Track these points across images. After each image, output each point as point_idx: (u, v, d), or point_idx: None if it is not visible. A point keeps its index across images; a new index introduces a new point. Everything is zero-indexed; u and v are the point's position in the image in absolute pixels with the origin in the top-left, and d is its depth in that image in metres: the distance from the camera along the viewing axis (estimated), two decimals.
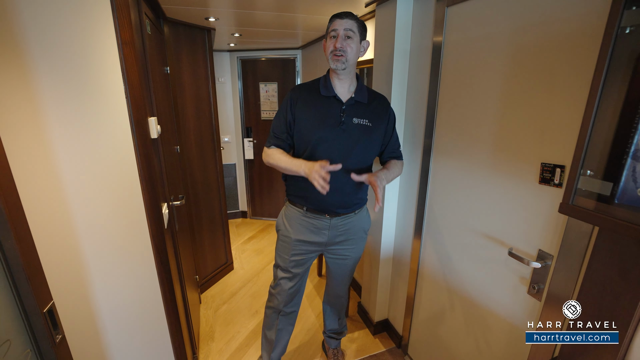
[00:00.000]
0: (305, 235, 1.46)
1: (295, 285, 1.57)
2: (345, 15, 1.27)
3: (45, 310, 0.77)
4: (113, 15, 0.99)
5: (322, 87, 1.35)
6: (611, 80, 0.64)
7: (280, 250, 1.54)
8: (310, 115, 1.33)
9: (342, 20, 1.27)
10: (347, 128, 1.33)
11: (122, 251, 1.14)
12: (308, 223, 1.45)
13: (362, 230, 1.54)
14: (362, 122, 1.35)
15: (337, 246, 1.52)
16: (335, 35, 1.27)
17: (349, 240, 1.52)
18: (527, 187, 1.10)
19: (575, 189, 0.72)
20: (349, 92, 1.37)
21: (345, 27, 1.26)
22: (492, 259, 1.27)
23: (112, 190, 1.08)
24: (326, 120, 1.32)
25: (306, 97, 1.35)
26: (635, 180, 0.64)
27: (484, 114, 1.24)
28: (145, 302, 1.24)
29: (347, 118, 1.33)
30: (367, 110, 1.37)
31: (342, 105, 1.34)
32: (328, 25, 1.31)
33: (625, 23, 0.61)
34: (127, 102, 1.06)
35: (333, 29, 1.27)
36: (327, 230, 1.46)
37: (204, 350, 2.00)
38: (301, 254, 1.50)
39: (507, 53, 1.13)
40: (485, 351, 1.36)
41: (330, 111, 1.33)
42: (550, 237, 1.05)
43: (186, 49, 2.22)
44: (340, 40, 1.26)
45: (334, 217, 1.44)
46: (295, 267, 1.52)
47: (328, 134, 1.31)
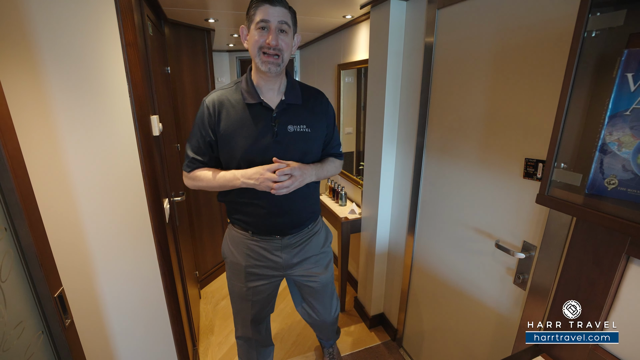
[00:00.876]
0: (256, 260, 1.26)
1: (261, 311, 1.37)
2: (277, 1, 1.01)
3: (55, 295, 0.82)
4: (117, 18, 1.04)
5: (244, 92, 1.11)
6: (580, 80, 0.70)
7: (232, 279, 1.33)
8: (236, 129, 1.10)
9: (274, 8, 1.00)
10: (282, 139, 1.12)
11: (126, 243, 1.19)
12: (257, 246, 1.25)
13: (319, 246, 1.35)
14: (299, 128, 1.14)
15: (298, 267, 1.32)
16: (265, 27, 1.02)
17: (308, 259, 1.33)
18: (512, 182, 1.16)
19: (550, 180, 0.77)
20: (278, 93, 1.15)
21: (280, 19, 1.01)
22: (481, 251, 1.32)
23: (116, 184, 1.13)
24: (256, 134, 1.10)
25: (226, 108, 1.11)
26: (602, 172, 0.70)
27: (472, 112, 1.29)
28: (147, 293, 1.29)
29: (281, 127, 1.12)
30: (303, 114, 1.16)
31: (272, 112, 1.12)
32: (251, 11, 1.03)
33: (591, 27, 0.66)
34: (130, 101, 1.11)
35: (263, 19, 1.00)
36: (280, 251, 1.26)
37: (204, 343, 2.05)
38: (258, 281, 1.29)
39: (492, 54, 1.18)
40: (474, 340, 1.42)
41: (260, 121, 1.11)
42: (533, 229, 1.11)
43: (186, 50, 2.27)
44: (274, 35, 1.01)
45: (286, 237, 1.25)
46: (255, 296, 1.32)
47: (260, 149, 1.10)
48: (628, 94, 0.64)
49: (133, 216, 1.19)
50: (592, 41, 0.67)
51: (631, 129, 0.65)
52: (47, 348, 0.82)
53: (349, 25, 2.25)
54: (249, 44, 1.08)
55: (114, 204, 1.14)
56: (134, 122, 1.14)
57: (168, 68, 1.98)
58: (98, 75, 1.03)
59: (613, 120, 0.67)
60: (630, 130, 0.65)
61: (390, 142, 1.80)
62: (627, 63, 0.63)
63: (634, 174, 0.65)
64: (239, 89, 1.15)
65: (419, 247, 1.72)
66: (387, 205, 1.92)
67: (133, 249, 1.21)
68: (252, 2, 1.04)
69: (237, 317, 1.42)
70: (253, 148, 1.10)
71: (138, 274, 1.25)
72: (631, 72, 0.63)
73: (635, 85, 0.63)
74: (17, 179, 0.69)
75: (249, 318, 1.38)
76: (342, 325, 2.20)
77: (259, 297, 1.34)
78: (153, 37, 1.54)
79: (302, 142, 1.15)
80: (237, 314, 1.41)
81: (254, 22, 1.03)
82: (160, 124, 1.40)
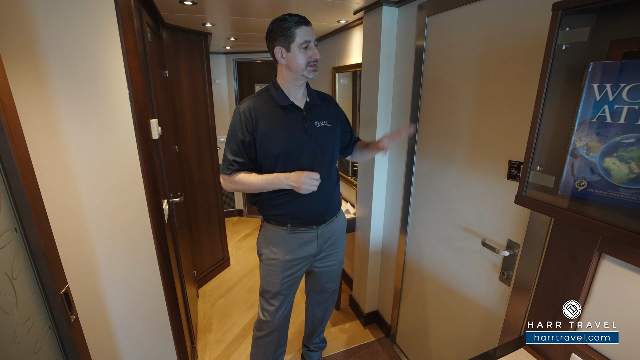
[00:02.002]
0: (294, 252, 1.40)
1: (286, 309, 1.51)
2: (309, 22, 1.22)
3: (62, 292, 0.86)
4: (118, 26, 1.08)
5: (276, 97, 1.28)
6: (553, 89, 0.75)
7: (267, 276, 1.44)
8: (274, 129, 1.26)
9: (308, 27, 1.21)
10: (312, 133, 1.30)
11: (127, 243, 1.24)
12: (295, 239, 1.39)
13: (343, 231, 1.56)
14: (323, 124, 1.33)
15: (325, 253, 1.50)
16: (307, 47, 1.21)
17: (334, 244, 1.52)
18: (497, 183, 1.21)
19: (527, 182, 0.83)
20: (303, 97, 1.33)
21: (315, 36, 1.23)
22: (469, 249, 1.38)
23: (118, 186, 1.17)
24: (291, 130, 1.27)
25: (262, 112, 1.26)
26: (573, 174, 0.75)
27: (460, 116, 1.35)
28: (147, 291, 1.33)
29: (310, 123, 1.30)
30: (323, 111, 1.36)
31: (302, 111, 1.30)
32: (292, 33, 1.19)
33: (561, 41, 0.71)
34: (131, 106, 1.15)
35: (306, 40, 1.19)
36: (315, 240, 1.43)
37: (202, 341, 2.09)
38: (293, 272, 1.44)
39: (478, 60, 1.24)
40: (463, 335, 1.47)
41: (292, 120, 1.28)
42: (517, 228, 1.17)
43: (184, 53, 2.31)
44: (316, 50, 1.22)
45: (320, 226, 1.41)
46: (287, 288, 1.45)
47: (297, 144, 1.27)
48: (594, 103, 0.69)
49: (134, 217, 1.23)
50: (562, 54, 0.73)
51: (597, 135, 0.70)
52: (53, 342, 0.86)
53: (343, 30, 2.31)
54: (291, 61, 1.22)
55: (116, 206, 1.18)
56: (135, 126, 1.18)
57: (166, 72, 2.02)
58: (100, 82, 1.07)
59: (582, 127, 0.72)
60: (596, 136, 0.70)
61: None
62: (593, 74, 0.69)
63: (600, 176, 0.71)
64: (268, 95, 1.30)
65: (411, 246, 1.78)
66: (381, 206, 1.98)
67: (134, 249, 1.26)
68: (286, 25, 1.18)
69: (268, 320, 1.49)
70: (291, 142, 1.27)
71: (139, 273, 1.29)
72: (596, 83, 0.68)
73: (600, 95, 0.68)
74: (26, 182, 0.73)
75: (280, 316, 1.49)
76: (338, 322, 2.25)
77: (291, 288, 1.48)
78: (151, 42, 1.59)
79: (327, 135, 1.35)
80: (269, 316, 1.48)
81: (296, 42, 1.19)
82: (159, 127, 1.44)
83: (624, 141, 0.67)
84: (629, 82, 0.65)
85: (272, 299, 1.46)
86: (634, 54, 0.70)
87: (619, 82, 0.66)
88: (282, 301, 1.47)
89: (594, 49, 0.73)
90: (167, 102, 1.97)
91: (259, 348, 1.58)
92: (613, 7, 0.70)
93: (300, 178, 1.20)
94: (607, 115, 0.68)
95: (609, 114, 0.68)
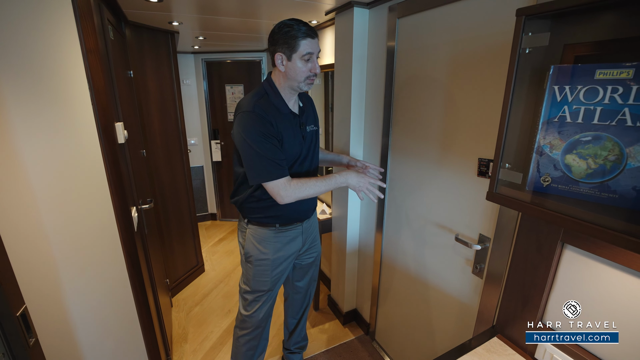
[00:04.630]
0: (283, 249, 1.43)
1: (271, 305, 1.54)
2: (316, 34, 1.19)
3: (18, 314, 0.79)
4: (77, 24, 1.01)
5: (279, 105, 1.26)
6: (519, 90, 0.79)
7: (258, 276, 1.44)
8: (285, 133, 1.26)
9: (314, 40, 1.18)
10: (307, 138, 1.36)
11: (93, 254, 1.16)
12: (283, 237, 1.42)
13: (317, 224, 1.64)
14: (312, 128, 1.40)
15: (307, 246, 1.56)
16: (310, 60, 1.19)
17: (315, 237, 1.60)
18: (468, 180, 1.26)
19: (497, 179, 0.86)
20: (295, 103, 1.35)
21: (319, 49, 1.21)
22: (443, 244, 1.42)
23: (81, 195, 1.10)
24: (294, 135, 1.30)
25: (276, 117, 1.24)
26: (539, 171, 0.80)
27: (431, 115, 1.39)
28: (117, 304, 1.26)
29: (304, 129, 1.35)
30: (310, 115, 1.42)
31: (298, 117, 1.34)
32: (297, 43, 1.15)
33: (525, 45, 0.75)
34: (93, 109, 1.08)
35: (309, 52, 1.16)
36: (301, 235, 1.48)
37: (178, 352, 2.01)
38: (282, 269, 1.47)
39: (447, 61, 1.28)
40: (439, 327, 1.52)
41: (292, 126, 1.31)
42: (487, 223, 1.22)
43: (149, 52, 2.21)
44: (317, 64, 1.21)
45: (305, 221, 1.47)
46: (276, 284, 1.49)
47: (298, 147, 1.32)
48: (556, 104, 0.74)
49: (100, 227, 1.16)
50: (527, 57, 0.77)
51: (559, 133, 0.75)
52: None
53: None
54: (291, 70, 1.20)
55: (80, 216, 1.10)
56: (98, 131, 1.11)
57: (131, 72, 1.92)
58: (58, 84, 1.00)
59: (546, 126, 0.77)
60: (558, 134, 0.75)
61: (357, 143, 1.87)
62: (554, 77, 0.73)
63: (562, 172, 0.76)
64: (269, 100, 1.25)
65: (387, 244, 1.81)
66: (356, 205, 2.00)
67: (101, 261, 1.18)
68: (292, 33, 1.14)
69: (253, 316, 1.50)
70: (295, 147, 1.31)
71: (107, 286, 1.21)
72: (557, 85, 0.73)
73: (561, 96, 0.73)
74: None
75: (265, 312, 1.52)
76: (317, 323, 2.25)
77: (278, 285, 1.51)
78: (114, 41, 1.50)
79: (316, 138, 1.42)
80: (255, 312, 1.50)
81: (299, 53, 1.16)
82: (125, 131, 1.36)
83: (582, 139, 0.72)
84: (585, 84, 0.69)
85: (261, 297, 1.48)
86: (585, 57, 0.76)
87: (576, 85, 0.71)
88: (269, 297, 1.50)
89: (551, 53, 0.78)
90: (132, 103, 1.87)
91: (242, 347, 1.58)
92: (565, 14, 0.75)
93: (361, 182, 1.28)
94: (567, 115, 0.73)
95: (568, 113, 0.73)
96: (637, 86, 0.64)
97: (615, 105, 0.67)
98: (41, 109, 0.98)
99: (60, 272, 1.09)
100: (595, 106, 0.69)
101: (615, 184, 0.69)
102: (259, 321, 1.52)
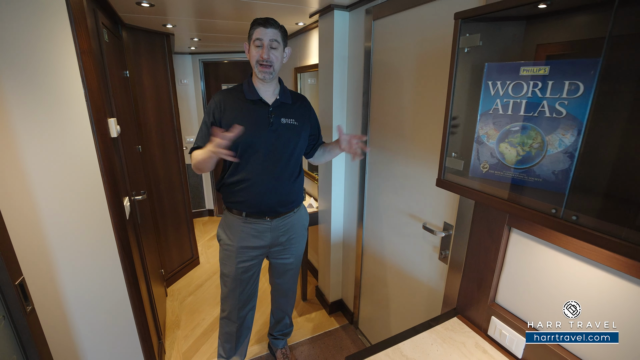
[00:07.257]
0: (247, 241, 1.48)
1: (247, 289, 1.58)
2: (269, 24, 1.28)
3: (17, 283, 0.90)
4: (71, 26, 1.12)
5: (246, 91, 1.38)
6: (461, 86, 0.88)
7: (224, 260, 1.54)
8: (238, 119, 1.33)
9: (266, 29, 1.28)
10: (276, 128, 1.39)
11: (87, 238, 1.26)
12: (249, 228, 1.47)
13: (302, 228, 1.64)
14: (290, 121, 1.42)
15: (280, 247, 1.57)
16: (260, 45, 1.30)
17: (291, 239, 1.59)
18: (434, 171, 1.35)
19: (444, 167, 0.95)
20: (273, 95, 1.42)
21: (271, 38, 1.29)
22: (413, 233, 1.51)
23: (76, 184, 1.20)
24: (255, 124, 1.35)
25: (231, 101, 1.37)
26: (479, 159, 0.88)
27: (403, 111, 1.48)
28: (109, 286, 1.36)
29: (276, 119, 1.39)
30: (292, 110, 1.45)
31: (269, 107, 1.39)
32: (251, 31, 1.32)
33: (463, 45, 0.84)
34: (87, 106, 1.19)
35: (258, 37, 1.29)
36: (269, 232, 1.50)
37: (170, 337, 2.12)
38: (246, 260, 1.52)
39: (415, 60, 1.37)
40: (412, 311, 1.61)
41: (258, 114, 1.37)
42: (450, 211, 1.31)
43: (145, 53, 2.32)
44: (266, 51, 1.29)
45: (275, 219, 1.49)
46: (243, 274, 1.53)
47: (258, 136, 1.35)
48: (490, 97, 0.83)
49: (93, 213, 1.26)
50: (465, 55, 0.86)
51: (494, 124, 0.83)
52: (8, 332, 0.89)
53: (303, 32, 2.40)
54: (249, 57, 1.36)
55: (74, 202, 1.21)
56: (91, 125, 1.21)
57: (127, 72, 2.03)
58: (54, 83, 1.10)
59: (483, 118, 0.85)
60: (493, 125, 0.84)
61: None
62: (488, 73, 0.82)
63: (497, 159, 0.84)
64: (240, 89, 1.41)
65: (367, 236, 1.90)
66: (340, 199, 2.09)
67: (94, 245, 1.29)
68: (251, 25, 1.32)
69: (227, 299, 1.60)
70: (251, 134, 1.34)
71: (100, 265, 1.32)
72: (490, 80, 0.82)
73: (494, 90, 0.82)
74: None
75: (237, 298, 1.57)
76: (304, 312, 2.34)
77: (246, 275, 1.55)
78: (109, 43, 1.61)
79: (291, 132, 1.43)
80: (228, 296, 1.59)
81: (252, 39, 1.32)
82: (118, 126, 1.47)
83: (512, 129, 0.81)
84: (512, 80, 0.78)
85: (230, 282, 1.55)
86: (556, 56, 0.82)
87: (506, 80, 0.79)
88: (239, 285, 1.55)
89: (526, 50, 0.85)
90: (128, 102, 1.98)
91: (221, 328, 1.69)
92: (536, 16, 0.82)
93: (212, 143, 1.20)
94: (499, 108, 0.82)
95: (500, 106, 0.82)
96: (552, 81, 0.73)
97: (536, 99, 0.76)
98: (38, 104, 1.08)
99: (55, 253, 1.20)
100: (521, 99, 0.78)
101: (539, 169, 0.78)
102: (231, 306, 1.59)
